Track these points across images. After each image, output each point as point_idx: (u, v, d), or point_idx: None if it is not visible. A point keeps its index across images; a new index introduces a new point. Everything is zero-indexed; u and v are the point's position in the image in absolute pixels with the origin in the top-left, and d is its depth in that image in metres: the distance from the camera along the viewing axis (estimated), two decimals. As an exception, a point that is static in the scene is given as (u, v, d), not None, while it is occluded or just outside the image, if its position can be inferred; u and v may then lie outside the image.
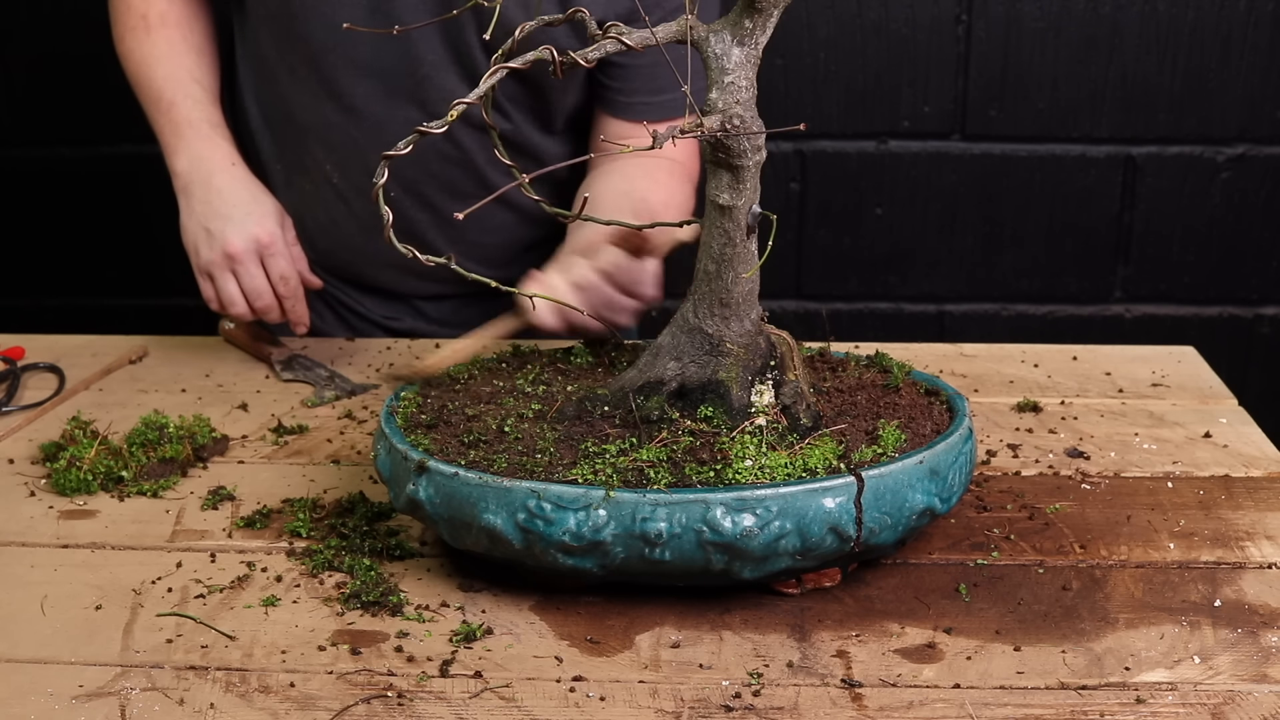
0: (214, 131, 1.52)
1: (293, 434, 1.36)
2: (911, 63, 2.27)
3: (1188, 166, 2.31)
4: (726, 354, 1.07)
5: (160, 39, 1.56)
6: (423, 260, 0.99)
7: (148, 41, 1.56)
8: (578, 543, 0.97)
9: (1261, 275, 2.37)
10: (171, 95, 1.53)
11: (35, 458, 1.31)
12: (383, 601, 1.04)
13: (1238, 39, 2.24)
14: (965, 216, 2.34)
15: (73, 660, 0.97)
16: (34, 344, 1.58)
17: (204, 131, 1.51)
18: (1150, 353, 1.56)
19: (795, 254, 2.37)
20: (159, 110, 1.53)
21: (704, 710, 0.91)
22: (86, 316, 2.42)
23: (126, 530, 1.17)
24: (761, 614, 1.02)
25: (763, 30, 1.03)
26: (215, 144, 1.51)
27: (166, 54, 1.55)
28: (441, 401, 1.15)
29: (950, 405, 1.13)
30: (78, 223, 2.42)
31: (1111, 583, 1.07)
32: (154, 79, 1.54)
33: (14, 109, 2.37)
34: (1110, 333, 2.39)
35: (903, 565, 1.10)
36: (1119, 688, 0.93)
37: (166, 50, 1.55)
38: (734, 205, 1.05)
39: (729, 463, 1.00)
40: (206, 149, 1.50)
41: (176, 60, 1.55)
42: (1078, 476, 1.25)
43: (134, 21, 1.57)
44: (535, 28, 1.02)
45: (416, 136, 0.96)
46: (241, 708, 0.91)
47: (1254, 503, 1.20)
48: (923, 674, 0.95)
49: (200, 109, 1.53)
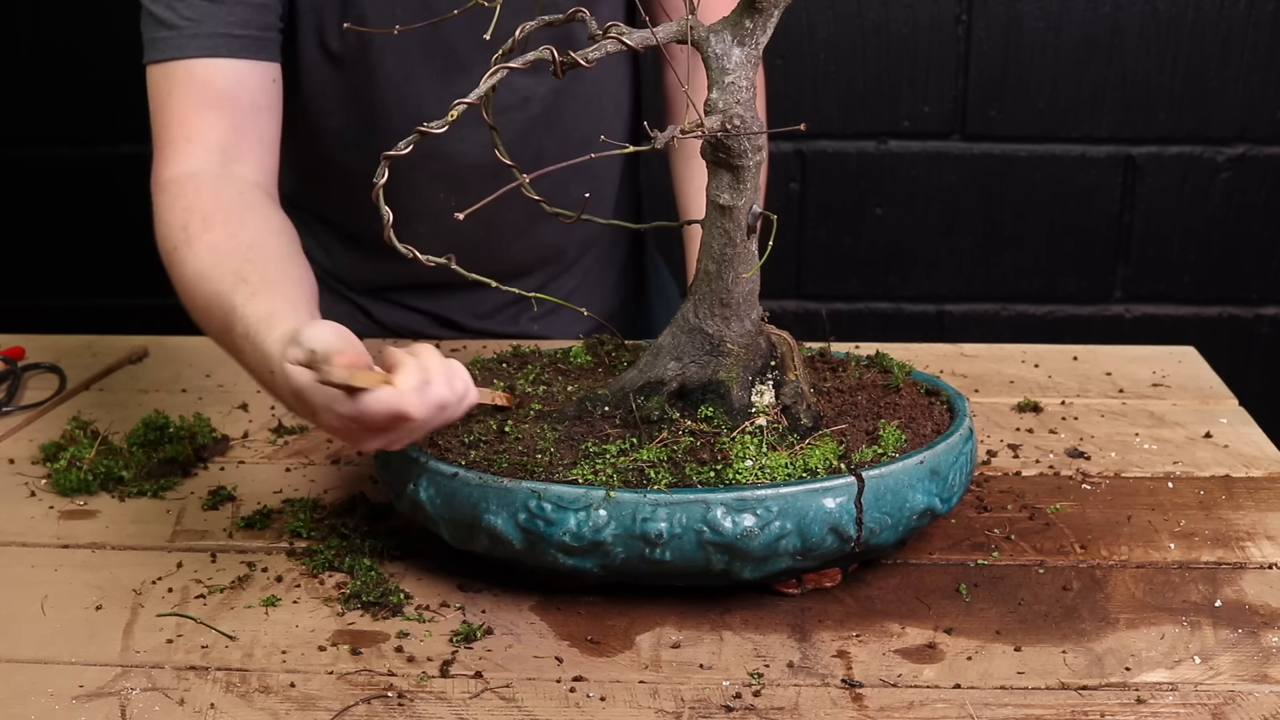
0: (257, 342, 1.10)
1: (293, 434, 1.36)
2: (911, 63, 2.27)
3: (1188, 166, 2.31)
4: (727, 354, 1.07)
5: (203, 249, 1.21)
6: (423, 260, 0.99)
7: (191, 256, 1.21)
8: (578, 543, 0.97)
9: (1261, 275, 2.37)
10: (223, 318, 1.15)
11: (35, 458, 1.31)
12: (383, 601, 1.04)
13: (1238, 39, 2.24)
14: (965, 216, 2.34)
15: (73, 660, 0.97)
16: (34, 344, 1.58)
17: (248, 350, 1.13)
18: (1150, 353, 1.56)
19: (795, 254, 2.37)
20: (224, 343, 1.18)
21: (704, 710, 0.91)
22: (86, 316, 2.41)
23: (127, 530, 1.17)
24: (762, 614, 1.02)
25: (763, 30, 1.03)
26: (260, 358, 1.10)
27: (212, 265, 1.19)
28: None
29: (950, 405, 1.13)
30: (78, 223, 2.42)
31: (1112, 583, 1.07)
32: (200, 302, 1.20)
33: (14, 109, 2.37)
34: (1110, 333, 2.39)
35: (903, 565, 1.10)
36: (1119, 688, 0.93)
37: (212, 261, 1.19)
38: (734, 205, 1.05)
39: (729, 463, 1.00)
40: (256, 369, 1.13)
41: (224, 267, 1.18)
42: (1078, 477, 1.25)
43: (175, 239, 1.24)
44: (536, 27, 1.02)
45: (417, 137, 0.96)
46: (242, 708, 0.91)
47: (1254, 503, 1.20)
48: (923, 674, 0.95)
49: (244, 322, 1.12)
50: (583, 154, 0.99)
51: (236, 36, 1.31)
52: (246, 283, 1.14)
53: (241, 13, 1.31)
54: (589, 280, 1.66)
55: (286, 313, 1.09)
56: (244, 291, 1.13)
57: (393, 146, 0.96)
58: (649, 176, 1.83)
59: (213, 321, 1.17)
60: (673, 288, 1.82)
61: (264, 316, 1.09)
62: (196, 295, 1.19)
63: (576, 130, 1.52)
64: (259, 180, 1.31)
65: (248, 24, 1.31)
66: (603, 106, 1.56)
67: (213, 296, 1.16)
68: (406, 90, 1.44)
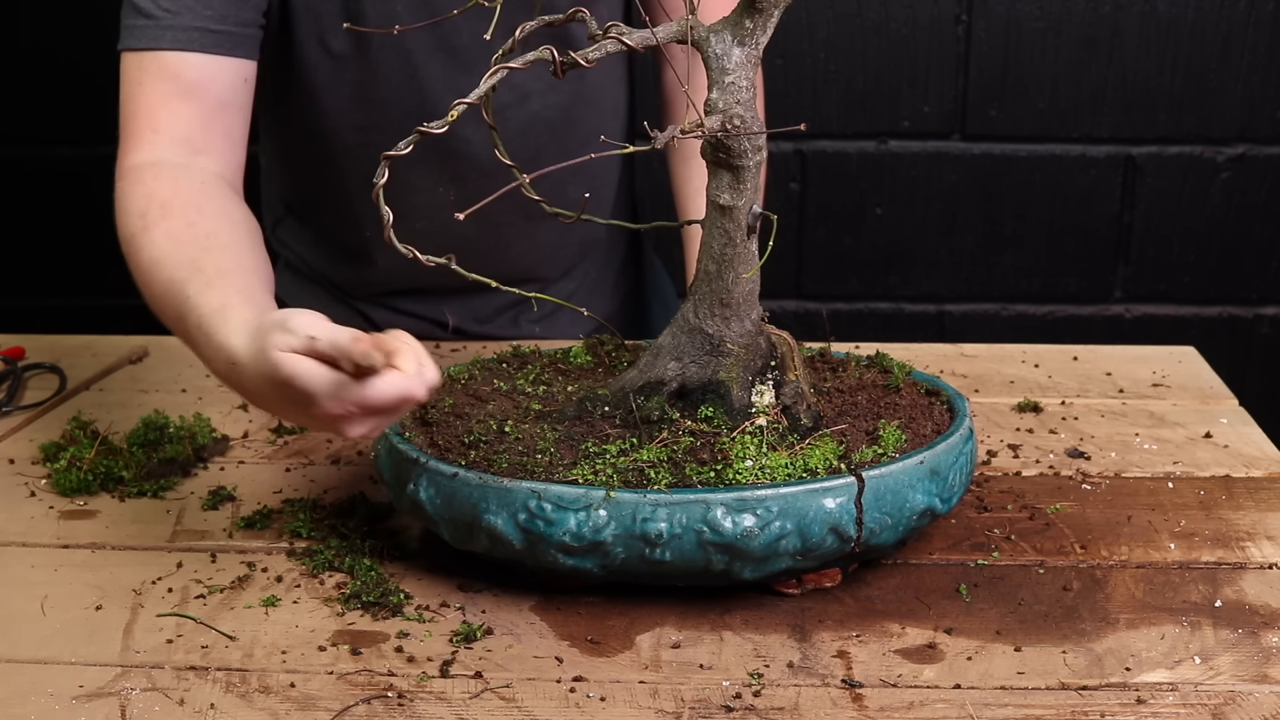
0: (210, 334, 1.09)
1: (293, 434, 1.36)
2: (911, 63, 2.27)
3: (1188, 166, 2.31)
4: (727, 354, 1.07)
5: (160, 236, 1.20)
6: (423, 260, 0.99)
7: (148, 243, 1.20)
8: (578, 543, 0.97)
9: (1261, 275, 2.37)
10: (177, 308, 1.15)
11: (35, 458, 1.30)
12: (383, 602, 1.04)
13: (1238, 39, 2.24)
14: (965, 216, 2.34)
15: (73, 660, 0.97)
16: (34, 344, 1.58)
17: (201, 341, 1.12)
18: (1150, 353, 1.56)
19: (795, 254, 2.37)
20: (178, 331, 1.17)
21: (704, 710, 0.91)
22: (86, 316, 2.41)
23: (127, 530, 1.17)
24: (762, 614, 1.02)
25: (763, 30, 1.03)
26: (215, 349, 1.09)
27: (169, 253, 1.18)
28: (442, 401, 1.15)
29: (951, 405, 1.13)
30: (78, 223, 2.42)
31: (1112, 583, 1.07)
32: (157, 290, 1.19)
33: (14, 109, 2.37)
34: (1110, 333, 2.39)
35: (903, 565, 1.10)
36: (1119, 688, 0.93)
37: (168, 249, 1.18)
38: (734, 205, 1.05)
39: (729, 463, 1.00)
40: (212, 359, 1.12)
41: (180, 255, 1.18)
42: (1078, 477, 1.25)
43: (134, 226, 1.23)
44: (536, 27, 1.02)
45: (417, 137, 0.96)
46: (242, 708, 0.91)
47: (1255, 503, 1.20)
48: (923, 674, 0.95)
49: (198, 312, 1.12)
50: (580, 154, 0.99)
51: (212, 31, 1.31)
52: (201, 272, 1.14)
53: (220, 7, 1.30)
54: (587, 282, 1.66)
55: (239, 304, 1.09)
56: (198, 281, 1.13)
57: (392, 145, 0.96)
58: (649, 176, 1.83)
59: (167, 310, 1.17)
60: (670, 289, 1.82)
61: (217, 308, 1.08)
62: (153, 283, 1.18)
63: (575, 130, 1.52)
64: (222, 173, 1.31)
65: (225, 19, 1.31)
66: (601, 107, 1.56)
67: (167, 285, 1.16)
68: (408, 88, 1.44)
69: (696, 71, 1.41)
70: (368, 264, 1.59)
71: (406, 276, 1.59)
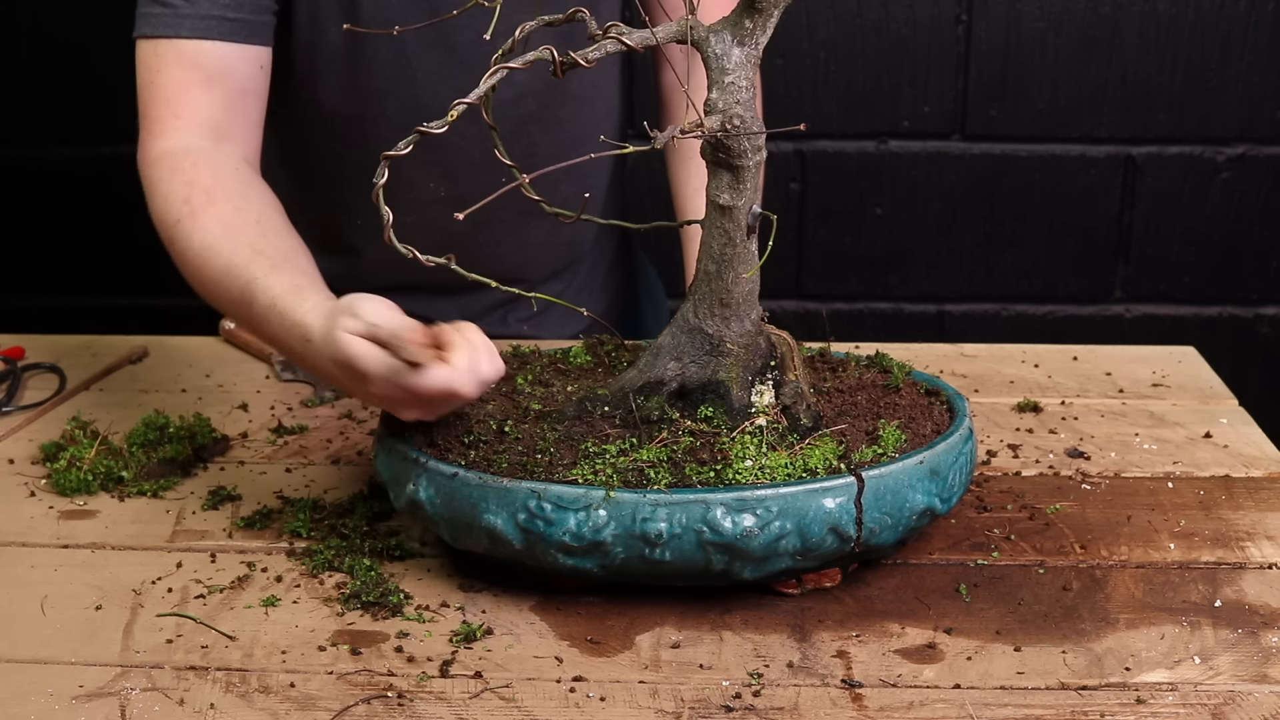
0: (286, 313, 1.13)
1: (293, 434, 1.36)
2: (911, 63, 2.27)
3: (1188, 166, 2.31)
4: (727, 354, 1.07)
5: (209, 222, 1.22)
6: (423, 260, 0.99)
7: (197, 229, 1.22)
8: (578, 543, 0.97)
9: (1261, 275, 2.37)
10: (241, 290, 1.18)
11: (35, 458, 1.31)
12: (383, 602, 1.04)
13: (1238, 39, 2.24)
14: (965, 216, 2.34)
15: (73, 660, 0.97)
16: (34, 344, 1.58)
17: (274, 320, 1.16)
18: (1150, 353, 1.56)
19: (795, 254, 2.37)
20: (238, 312, 1.20)
21: (704, 710, 0.91)
22: (86, 316, 2.41)
23: (126, 530, 1.17)
24: (762, 614, 1.02)
25: (763, 30, 1.03)
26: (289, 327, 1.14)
27: (222, 238, 1.21)
28: None
29: (950, 405, 1.13)
30: (78, 223, 2.42)
31: (1112, 583, 1.07)
32: (212, 274, 1.21)
33: (13, 109, 2.37)
34: (1110, 333, 2.39)
35: (903, 565, 1.10)
36: (1119, 688, 0.93)
37: (221, 234, 1.21)
38: (734, 205, 1.05)
39: (729, 463, 1.00)
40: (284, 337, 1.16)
41: (236, 240, 1.21)
42: (1078, 477, 1.25)
43: (177, 212, 1.24)
44: (536, 27, 1.02)
45: (417, 137, 0.96)
46: (241, 708, 0.91)
47: (1254, 503, 1.20)
48: (923, 674, 0.95)
49: (269, 293, 1.15)
50: (575, 152, 1.00)
51: (229, 20, 1.32)
52: (263, 255, 1.19)
53: None
54: (577, 283, 1.66)
55: (309, 286, 1.15)
56: (262, 264, 1.17)
57: (386, 137, 0.97)
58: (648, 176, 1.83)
59: (227, 293, 1.20)
60: (660, 290, 1.82)
61: (290, 288, 1.14)
62: (206, 268, 1.22)
63: (567, 128, 1.52)
64: (247, 158, 1.33)
65: (241, 6, 1.32)
66: (594, 106, 1.56)
67: (225, 269, 1.19)
68: (402, 79, 1.44)
69: (696, 71, 1.40)
70: (355, 257, 1.59)
71: (393, 272, 1.59)
